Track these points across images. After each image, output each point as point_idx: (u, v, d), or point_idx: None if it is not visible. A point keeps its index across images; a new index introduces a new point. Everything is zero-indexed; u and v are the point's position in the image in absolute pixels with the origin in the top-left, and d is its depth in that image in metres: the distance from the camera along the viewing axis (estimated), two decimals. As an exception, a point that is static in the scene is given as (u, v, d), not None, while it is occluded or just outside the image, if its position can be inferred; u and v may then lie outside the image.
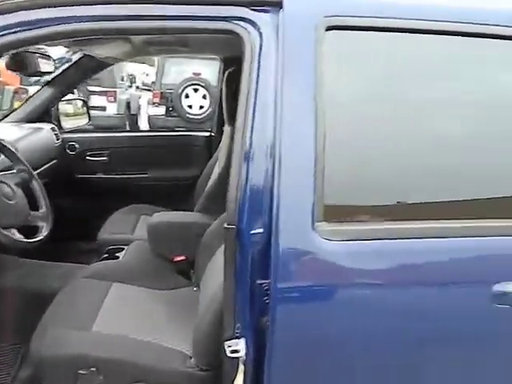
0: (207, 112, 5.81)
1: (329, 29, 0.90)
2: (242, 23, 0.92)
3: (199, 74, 6.14)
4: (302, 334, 0.90)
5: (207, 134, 2.54)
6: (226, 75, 1.69)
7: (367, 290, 0.90)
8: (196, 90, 6.16)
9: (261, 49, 0.91)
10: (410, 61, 0.97)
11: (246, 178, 0.87)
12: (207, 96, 6.07)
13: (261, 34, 0.91)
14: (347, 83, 0.95)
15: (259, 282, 0.88)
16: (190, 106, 6.14)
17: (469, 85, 1.00)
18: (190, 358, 1.12)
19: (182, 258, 1.63)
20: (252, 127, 0.88)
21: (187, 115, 6.08)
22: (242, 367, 0.91)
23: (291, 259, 0.87)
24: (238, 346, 0.90)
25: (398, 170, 0.95)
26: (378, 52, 0.95)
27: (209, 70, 5.77)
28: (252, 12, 0.93)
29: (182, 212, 1.88)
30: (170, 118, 6.20)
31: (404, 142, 0.94)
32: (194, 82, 6.15)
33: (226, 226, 0.88)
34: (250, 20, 0.92)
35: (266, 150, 0.88)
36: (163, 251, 1.65)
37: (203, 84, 6.08)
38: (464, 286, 0.94)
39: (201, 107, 6.10)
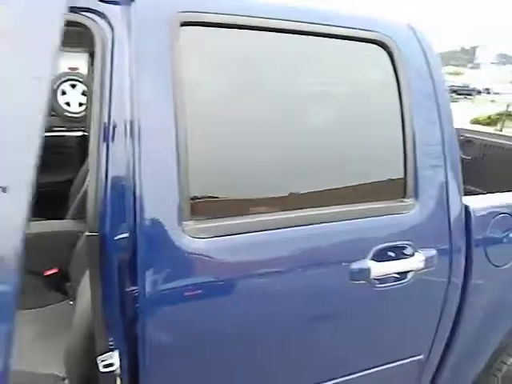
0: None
1: (183, 24, 0.88)
2: (90, 15, 0.86)
3: (76, 68, 5.65)
4: (175, 338, 0.89)
5: (80, 133, 2.36)
6: (91, 70, 1.59)
7: (239, 285, 0.92)
8: (74, 86, 5.66)
9: (113, 44, 0.86)
10: (262, 58, 1.00)
11: (106, 180, 0.82)
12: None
13: (112, 28, 0.86)
14: (205, 79, 0.95)
15: (128, 289, 0.85)
16: (68, 104, 5.65)
17: (317, 79, 1.07)
18: (63, 379, 1.03)
19: (54, 271, 1.49)
20: (108, 128, 0.83)
21: (65, 113, 5.58)
22: (118, 382, 0.87)
23: (159, 262, 0.84)
24: (111, 360, 0.85)
25: (260, 163, 0.98)
26: (233, 48, 0.96)
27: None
28: (101, 3, 0.87)
29: (51, 221, 1.71)
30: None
31: (262, 135, 0.98)
32: (71, 78, 5.66)
33: (87, 234, 0.82)
34: (99, 12, 0.87)
35: (125, 151, 0.84)
36: (32, 266, 1.50)
37: (81, 79, 5.64)
38: (327, 267, 1.01)
39: (80, 104, 5.65)
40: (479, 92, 29.62)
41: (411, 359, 1.18)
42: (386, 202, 1.09)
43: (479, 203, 1.19)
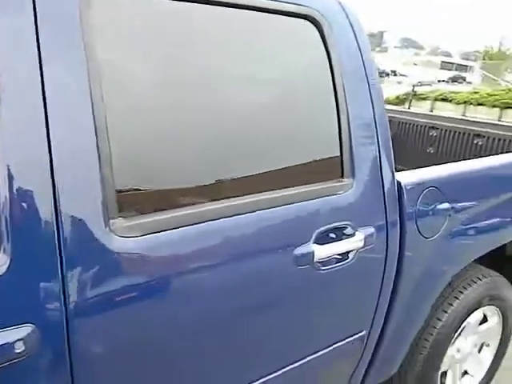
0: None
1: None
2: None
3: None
4: (107, 349, 0.79)
5: None
6: None
7: (176, 284, 0.84)
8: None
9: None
10: (182, 33, 0.88)
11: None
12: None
13: None
14: (123, 56, 0.82)
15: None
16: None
17: (244, 57, 0.99)
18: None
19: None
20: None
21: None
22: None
23: (85, 267, 0.73)
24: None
25: (190, 151, 0.89)
26: (150, 21, 0.84)
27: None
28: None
29: None
30: None
31: (188, 119, 0.88)
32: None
33: None
34: None
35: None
36: None
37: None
38: (271, 255, 0.97)
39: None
40: (387, 74, 31.77)
41: (355, 336, 1.20)
42: (325, 183, 1.06)
43: (409, 178, 1.23)
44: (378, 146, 1.13)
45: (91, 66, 0.73)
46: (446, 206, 1.28)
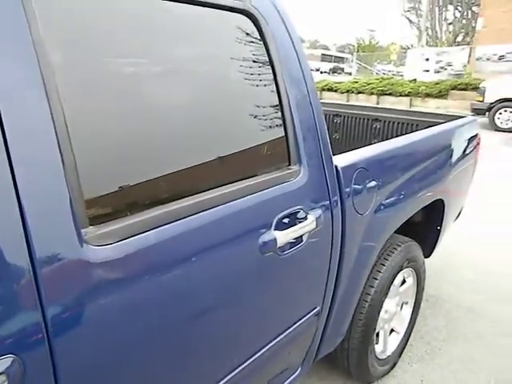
0: None
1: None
2: None
3: None
4: (90, 362, 0.73)
5: None
6: None
7: (155, 281, 0.81)
8: None
9: None
10: (121, 23, 0.84)
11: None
12: None
13: None
14: (72, 47, 0.75)
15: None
16: None
17: (185, 50, 0.98)
18: None
19: None
20: None
21: None
22: None
23: (60, 282, 0.67)
24: None
25: (147, 156, 0.85)
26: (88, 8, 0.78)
27: None
28: None
29: None
30: None
31: (140, 124, 0.84)
32: None
33: None
34: None
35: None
36: None
37: None
38: (238, 246, 0.98)
39: None
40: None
41: (311, 313, 1.27)
42: (275, 172, 1.11)
43: (342, 162, 1.33)
44: (317, 132, 1.21)
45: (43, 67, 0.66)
46: (373, 183, 1.43)
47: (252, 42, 1.11)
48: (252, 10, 1.08)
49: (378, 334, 1.84)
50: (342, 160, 1.33)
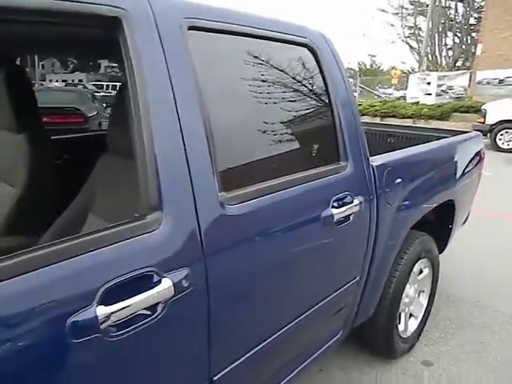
0: None
1: (190, 29, 1.04)
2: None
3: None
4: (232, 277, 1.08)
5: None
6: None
7: (263, 232, 1.16)
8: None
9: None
10: (247, 60, 1.23)
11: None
12: None
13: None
14: (211, 77, 1.12)
15: None
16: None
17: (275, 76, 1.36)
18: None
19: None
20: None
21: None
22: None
23: (213, 224, 1.01)
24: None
25: (258, 150, 1.26)
26: (228, 51, 1.16)
27: None
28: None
29: None
30: None
31: (256, 129, 1.26)
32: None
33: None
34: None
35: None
36: None
37: None
38: (310, 215, 1.32)
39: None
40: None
41: (353, 281, 1.59)
42: (331, 165, 1.46)
43: (376, 162, 1.67)
44: (359, 139, 1.56)
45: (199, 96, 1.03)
46: (399, 180, 1.76)
47: (312, 68, 1.47)
48: (312, 44, 1.45)
49: (399, 315, 2.14)
50: (376, 160, 1.67)
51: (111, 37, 0.90)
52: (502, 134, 9.06)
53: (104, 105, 9.22)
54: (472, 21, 22.68)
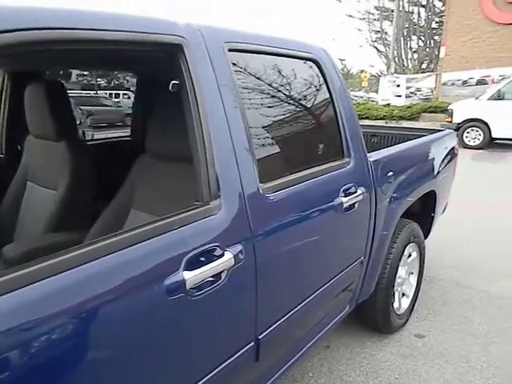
0: None
1: (230, 50, 1.26)
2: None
3: None
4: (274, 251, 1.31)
5: None
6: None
7: (293, 216, 1.40)
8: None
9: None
10: (270, 73, 1.46)
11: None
12: None
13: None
14: (246, 90, 1.34)
15: None
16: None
17: (290, 87, 1.60)
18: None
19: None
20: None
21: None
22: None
23: (258, 209, 1.24)
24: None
25: (283, 147, 1.48)
26: (257, 66, 1.39)
27: None
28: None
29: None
30: None
31: (280, 131, 1.50)
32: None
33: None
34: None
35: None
36: None
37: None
38: (326, 203, 1.55)
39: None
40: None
41: (358, 261, 1.84)
42: (336, 161, 1.70)
43: (372, 158, 1.93)
44: (358, 138, 1.81)
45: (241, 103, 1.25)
46: (391, 173, 2.03)
47: (319, 78, 1.71)
48: (317, 58, 1.69)
49: (393, 294, 2.41)
50: (371, 157, 1.93)
51: (174, 58, 1.11)
52: (468, 132, 9.63)
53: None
54: (434, 25, 23.78)
